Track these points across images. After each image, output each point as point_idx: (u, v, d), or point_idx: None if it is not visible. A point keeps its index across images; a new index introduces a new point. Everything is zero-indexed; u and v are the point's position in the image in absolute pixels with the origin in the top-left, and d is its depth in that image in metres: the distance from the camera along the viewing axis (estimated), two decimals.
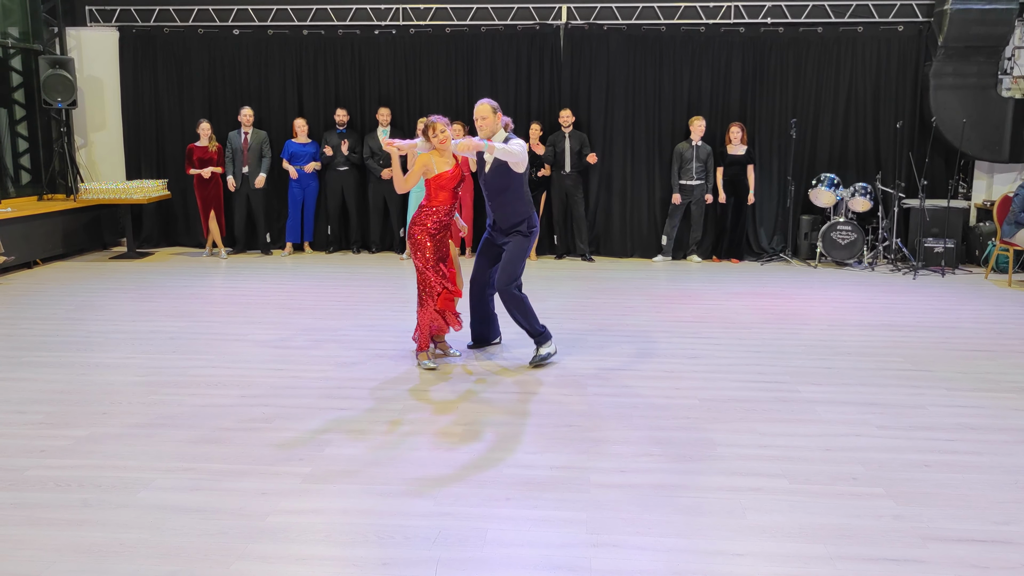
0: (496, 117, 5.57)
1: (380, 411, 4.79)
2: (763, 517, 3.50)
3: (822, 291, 8.30)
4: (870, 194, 9.61)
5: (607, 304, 7.65)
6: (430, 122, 5.54)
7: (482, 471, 3.95)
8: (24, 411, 4.77)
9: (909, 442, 4.34)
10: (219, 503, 3.61)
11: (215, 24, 10.66)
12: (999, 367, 5.70)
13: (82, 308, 7.40)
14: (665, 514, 3.52)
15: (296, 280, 8.77)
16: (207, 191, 10.07)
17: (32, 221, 9.42)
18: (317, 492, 3.73)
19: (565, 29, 10.30)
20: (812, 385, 5.28)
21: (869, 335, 6.55)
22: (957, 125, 9.63)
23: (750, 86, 10.23)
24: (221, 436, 4.39)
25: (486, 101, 5.61)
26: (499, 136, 5.56)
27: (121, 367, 5.63)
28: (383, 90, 10.60)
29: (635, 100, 10.32)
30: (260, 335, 6.48)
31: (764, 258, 10.16)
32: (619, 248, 10.49)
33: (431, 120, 5.55)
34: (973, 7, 9.31)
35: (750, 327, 6.80)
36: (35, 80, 10.63)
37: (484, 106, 5.58)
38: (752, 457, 4.13)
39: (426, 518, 3.48)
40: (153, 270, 9.36)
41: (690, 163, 9.85)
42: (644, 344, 6.25)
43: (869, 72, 10.09)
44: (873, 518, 3.50)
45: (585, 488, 3.77)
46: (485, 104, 5.59)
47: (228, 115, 10.65)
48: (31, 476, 3.88)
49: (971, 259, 9.96)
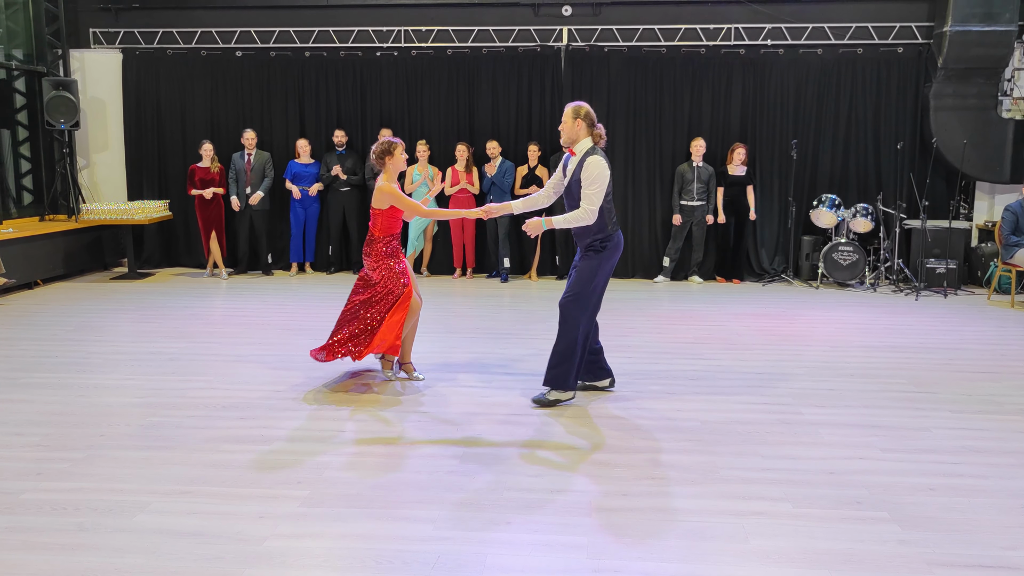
0: (575, 124, 5.04)
1: (379, 434, 4.75)
2: (766, 542, 3.45)
3: (824, 312, 8.27)
4: (871, 215, 9.61)
5: (608, 325, 7.61)
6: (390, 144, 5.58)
7: (482, 494, 3.91)
8: (21, 433, 4.74)
9: (914, 465, 4.30)
10: (216, 527, 3.57)
11: (218, 46, 10.72)
12: (1003, 389, 5.66)
13: (82, 329, 7.38)
14: (667, 538, 3.48)
15: (297, 301, 8.75)
16: (208, 212, 10.08)
17: (33, 242, 9.42)
18: (315, 516, 3.69)
19: (566, 51, 10.35)
20: (815, 407, 5.24)
21: (872, 356, 6.51)
22: (957, 146, 9.64)
23: (750, 107, 10.26)
24: (219, 459, 4.35)
25: (572, 104, 5.12)
26: (582, 146, 5.08)
27: (120, 388, 5.60)
28: (385, 111, 10.64)
29: (636, 121, 10.35)
30: (260, 356, 6.46)
31: (766, 279, 10.14)
32: (620, 269, 10.46)
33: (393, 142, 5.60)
34: (972, 29, 9.35)
35: (752, 348, 6.77)
36: (39, 101, 10.67)
37: (567, 109, 5.09)
38: (755, 480, 4.09)
39: (425, 542, 3.44)
40: (154, 291, 9.35)
41: (691, 184, 9.86)
42: (645, 365, 6.22)
43: (869, 93, 10.12)
44: (878, 543, 3.45)
45: (586, 512, 3.73)
46: (568, 107, 5.10)
47: (230, 136, 10.68)
48: (27, 499, 3.85)
49: (973, 280, 9.94)
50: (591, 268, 5.12)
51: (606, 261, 5.14)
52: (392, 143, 5.61)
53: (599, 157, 5.01)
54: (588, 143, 5.08)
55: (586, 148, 5.07)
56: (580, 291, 5.10)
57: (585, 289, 5.10)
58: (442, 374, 5.96)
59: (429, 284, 9.86)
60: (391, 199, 5.54)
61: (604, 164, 5.01)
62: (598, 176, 4.98)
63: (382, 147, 5.61)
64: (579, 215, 5.01)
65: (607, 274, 5.19)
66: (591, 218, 5.01)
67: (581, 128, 5.06)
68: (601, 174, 4.98)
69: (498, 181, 9.95)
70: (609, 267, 5.18)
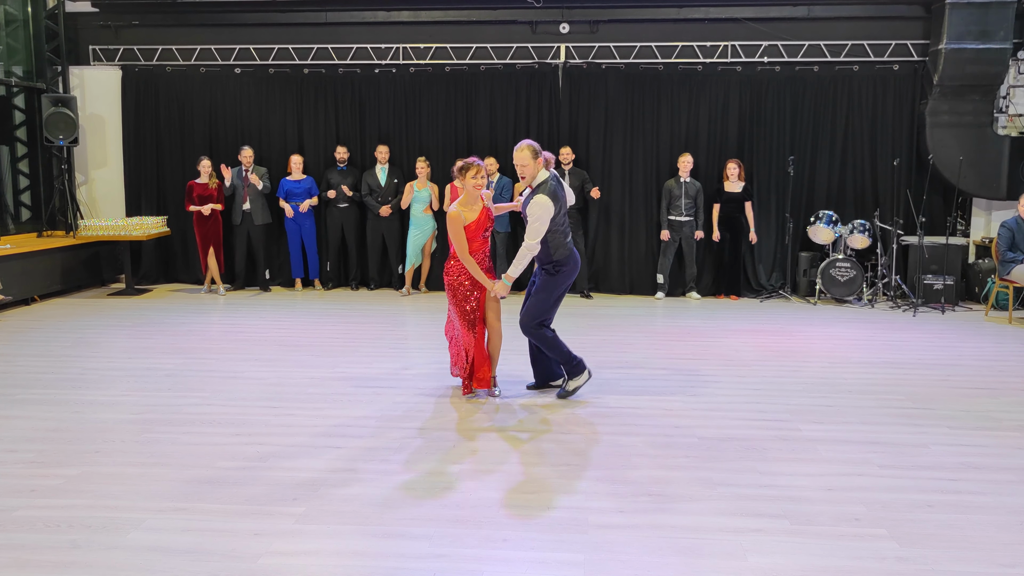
0: (537, 163, 5.38)
1: (376, 451, 4.73)
2: (764, 559, 3.43)
3: (822, 328, 8.27)
4: (868, 231, 9.63)
5: (606, 341, 7.61)
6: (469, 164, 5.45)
7: (478, 512, 3.89)
8: (16, 449, 4.71)
9: (912, 482, 4.28)
10: (211, 544, 3.55)
11: (217, 63, 10.76)
12: (1001, 405, 5.65)
13: (78, 345, 7.37)
14: (664, 555, 3.46)
15: (294, 317, 8.74)
16: (206, 228, 10.08)
17: (31, 258, 9.42)
18: (311, 533, 3.66)
19: (563, 68, 10.40)
20: (813, 423, 5.23)
21: (870, 373, 6.50)
22: (954, 163, 9.68)
23: (747, 124, 10.29)
24: (214, 475, 4.33)
25: (525, 145, 5.38)
26: (540, 178, 5.42)
27: (115, 405, 5.58)
28: (383, 128, 10.67)
29: (633, 138, 10.38)
30: (256, 372, 6.44)
31: (763, 295, 10.14)
32: (617, 285, 10.48)
33: (470, 162, 5.46)
34: (968, 47, 9.41)
35: (750, 364, 6.75)
36: (38, 118, 10.70)
37: (524, 152, 5.37)
38: (753, 497, 4.07)
39: (421, 559, 3.42)
40: (151, 307, 9.34)
41: (679, 199, 9.87)
42: (643, 382, 6.20)
43: (865, 110, 10.17)
44: (876, 560, 3.43)
45: (583, 529, 3.71)
46: (524, 150, 5.37)
47: (229, 152, 10.70)
48: (19, 516, 3.82)
49: (971, 296, 9.95)
50: (547, 288, 5.55)
51: (561, 283, 5.56)
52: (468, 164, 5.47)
53: (543, 197, 5.32)
54: (543, 175, 5.44)
55: (540, 181, 5.44)
56: (537, 311, 5.56)
57: (542, 307, 5.56)
58: (439, 389, 5.94)
59: (427, 300, 9.86)
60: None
61: (547, 203, 5.30)
62: (539, 216, 5.31)
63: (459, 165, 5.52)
64: (523, 253, 5.41)
65: (562, 293, 5.60)
66: (534, 252, 5.42)
67: (540, 164, 5.41)
68: (543, 213, 5.30)
69: (496, 198, 9.96)
70: (564, 287, 5.59)
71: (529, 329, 5.58)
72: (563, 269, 5.52)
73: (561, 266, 5.52)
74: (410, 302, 9.71)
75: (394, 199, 10.28)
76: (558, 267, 5.51)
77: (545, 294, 5.55)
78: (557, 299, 5.61)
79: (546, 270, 5.54)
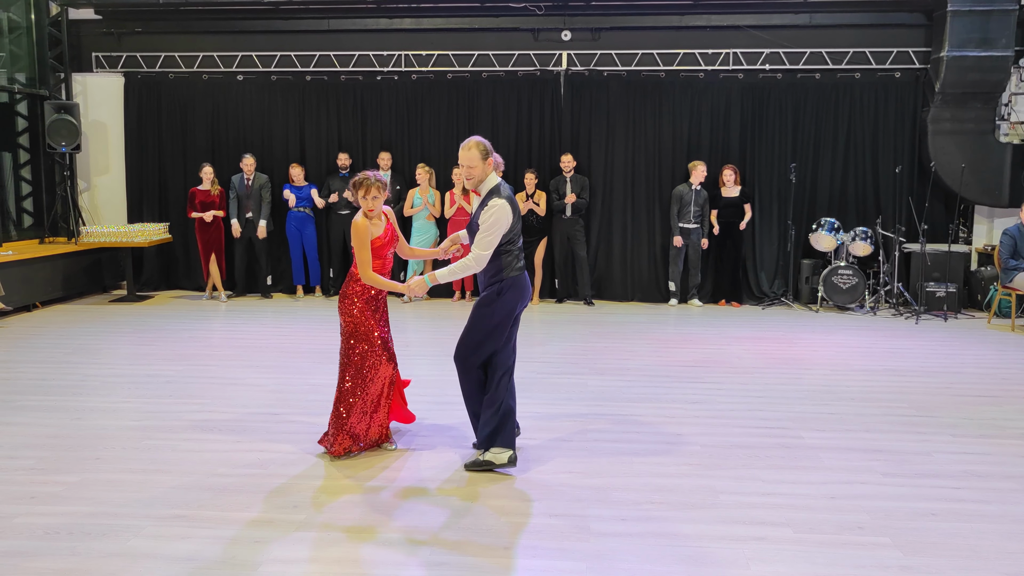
0: (486, 164, 4.47)
1: (377, 458, 4.71)
2: (767, 567, 3.41)
3: (824, 335, 8.25)
4: (870, 238, 9.61)
5: (608, 349, 7.60)
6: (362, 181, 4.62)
7: (480, 520, 3.87)
8: (16, 456, 4.70)
9: (915, 490, 4.26)
10: (211, 551, 3.53)
11: (219, 70, 10.78)
12: (1004, 413, 5.63)
13: (79, 352, 7.36)
14: (667, 564, 3.44)
15: (295, 324, 8.73)
16: (208, 234, 10.09)
17: (32, 264, 9.42)
18: (311, 541, 3.65)
19: (565, 75, 10.41)
20: (815, 431, 5.21)
21: (872, 380, 6.49)
22: (956, 170, 9.67)
23: (749, 131, 10.29)
24: (214, 482, 4.31)
25: (474, 143, 4.48)
26: (489, 183, 4.51)
27: (116, 411, 5.56)
28: (385, 135, 10.68)
29: (635, 145, 10.38)
30: (257, 379, 6.43)
31: (765, 302, 10.12)
32: (620, 292, 10.46)
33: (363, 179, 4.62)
34: (969, 54, 9.41)
35: (752, 372, 6.74)
36: (40, 124, 10.72)
37: (471, 151, 4.46)
38: (755, 505, 4.05)
39: (423, 568, 3.40)
40: (152, 313, 9.34)
41: (689, 206, 9.87)
42: (645, 389, 6.19)
43: (867, 118, 10.17)
44: (880, 569, 3.41)
45: (585, 537, 3.69)
46: (472, 148, 4.46)
47: (231, 159, 10.71)
48: (19, 523, 3.81)
49: (973, 303, 9.92)
50: (481, 314, 4.54)
51: (499, 312, 4.50)
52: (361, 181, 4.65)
53: (502, 201, 4.41)
54: (493, 180, 4.52)
55: (490, 187, 4.50)
56: (469, 338, 4.56)
57: (474, 336, 4.54)
58: (441, 395, 5.93)
59: (429, 307, 9.85)
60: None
61: (504, 208, 4.39)
62: (494, 224, 4.38)
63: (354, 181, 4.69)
64: (466, 263, 4.44)
65: (500, 322, 4.51)
66: (479, 266, 4.44)
67: (489, 166, 4.49)
68: (498, 221, 4.37)
69: None
70: (505, 313, 4.51)
71: (459, 360, 4.61)
72: (506, 295, 4.50)
73: (506, 290, 4.50)
74: (412, 308, 9.70)
75: (396, 206, 10.28)
76: (502, 290, 4.50)
77: (478, 320, 4.54)
78: (494, 329, 4.51)
79: (488, 293, 4.54)
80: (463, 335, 4.59)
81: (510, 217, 4.42)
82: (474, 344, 4.55)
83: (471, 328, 4.56)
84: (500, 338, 4.54)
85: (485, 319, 4.52)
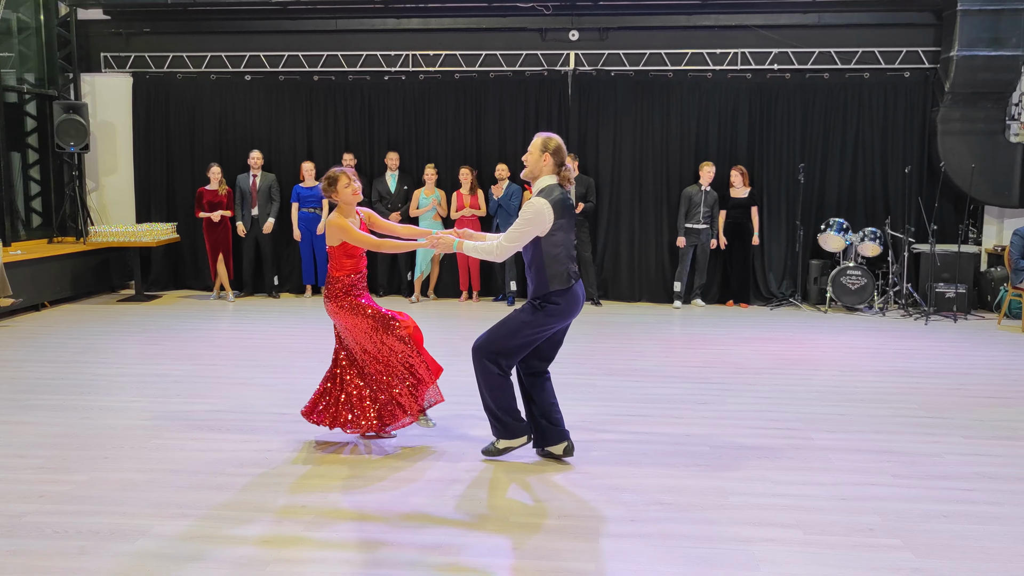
0: (542, 158, 4.35)
1: (386, 458, 4.71)
2: (777, 569, 3.39)
3: (833, 336, 8.21)
4: (879, 239, 9.57)
5: (616, 349, 7.58)
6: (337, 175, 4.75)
7: (489, 520, 3.86)
8: (24, 455, 4.71)
9: (926, 491, 4.24)
10: (220, 551, 3.53)
11: (227, 70, 10.80)
12: (1015, 414, 5.59)
13: (87, 351, 7.37)
14: (677, 565, 3.42)
15: (303, 323, 8.73)
16: (216, 234, 10.10)
17: (41, 264, 9.44)
18: (320, 540, 3.64)
19: (573, 75, 10.39)
20: (825, 432, 5.18)
21: (882, 381, 6.45)
22: (966, 170, 9.62)
23: (757, 131, 10.26)
24: (223, 482, 4.31)
25: (542, 136, 4.43)
26: (542, 183, 4.39)
27: (124, 411, 5.57)
28: (392, 135, 10.68)
29: (643, 145, 10.36)
30: (265, 379, 6.43)
31: (773, 303, 10.09)
32: (627, 292, 10.44)
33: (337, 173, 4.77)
34: (979, 54, 9.36)
35: (761, 373, 6.71)
36: (49, 125, 10.75)
37: (533, 142, 4.42)
38: (765, 506, 4.03)
39: (431, 568, 3.39)
40: (160, 313, 9.35)
41: (698, 207, 9.84)
42: (653, 390, 6.17)
43: (876, 118, 10.13)
44: (892, 571, 3.39)
45: (594, 538, 3.68)
46: (536, 139, 4.41)
47: (239, 159, 10.72)
48: (28, 522, 3.81)
49: (983, 304, 9.87)
50: (521, 320, 4.39)
51: (541, 323, 4.36)
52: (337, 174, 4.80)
53: (545, 202, 4.29)
54: (547, 180, 4.40)
55: (541, 187, 4.39)
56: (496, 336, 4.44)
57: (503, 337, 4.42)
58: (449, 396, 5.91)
59: (436, 307, 9.85)
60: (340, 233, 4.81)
61: (542, 207, 4.27)
62: (532, 218, 4.27)
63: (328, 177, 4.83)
64: (491, 248, 4.38)
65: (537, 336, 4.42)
66: (501, 256, 4.38)
67: (548, 164, 4.37)
68: (536, 217, 4.26)
69: (504, 204, 9.95)
70: (544, 329, 4.39)
71: (478, 355, 4.49)
72: (549, 307, 4.33)
73: (550, 302, 4.33)
74: (419, 308, 9.70)
75: (403, 206, 10.28)
76: (545, 302, 4.34)
77: (515, 323, 4.40)
78: (528, 339, 4.41)
79: (533, 303, 4.40)
80: (488, 334, 4.49)
81: (547, 218, 4.27)
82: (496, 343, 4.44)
83: (497, 328, 4.47)
84: (521, 351, 4.45)
85: (518, 324, 4.40)
